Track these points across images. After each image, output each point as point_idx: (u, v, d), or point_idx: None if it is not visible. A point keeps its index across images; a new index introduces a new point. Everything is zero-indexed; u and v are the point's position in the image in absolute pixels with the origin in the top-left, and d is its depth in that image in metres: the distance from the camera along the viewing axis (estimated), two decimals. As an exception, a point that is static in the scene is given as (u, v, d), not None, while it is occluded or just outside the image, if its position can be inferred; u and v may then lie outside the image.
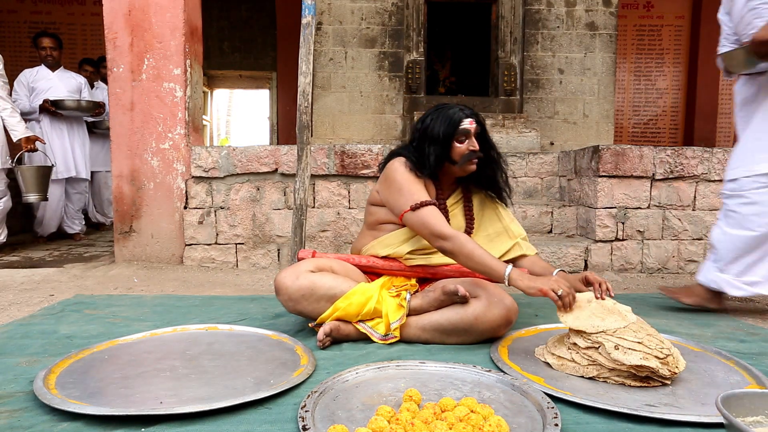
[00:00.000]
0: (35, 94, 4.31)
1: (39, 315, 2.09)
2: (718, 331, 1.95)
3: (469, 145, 1.81)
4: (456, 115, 1.80)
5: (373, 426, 1.05)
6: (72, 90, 4.48)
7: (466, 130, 1.79)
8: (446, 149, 1.81)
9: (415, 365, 1.46)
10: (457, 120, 1.79)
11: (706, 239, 3.29)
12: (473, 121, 1.81)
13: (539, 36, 5.70)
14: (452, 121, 1.79)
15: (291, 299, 1.70)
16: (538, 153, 4.03)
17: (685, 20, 7.72)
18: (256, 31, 8.28)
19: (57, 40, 4.44)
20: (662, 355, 1.34)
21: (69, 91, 4.43)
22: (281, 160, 3.41)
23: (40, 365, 1.49)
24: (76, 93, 4.51)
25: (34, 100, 4.29)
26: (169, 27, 3.34)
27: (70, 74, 4.58)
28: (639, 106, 7.86)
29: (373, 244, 1.91)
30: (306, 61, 2.46)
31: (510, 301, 1.68)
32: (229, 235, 3.41)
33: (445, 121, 1.80)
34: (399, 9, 5.64)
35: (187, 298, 2.44)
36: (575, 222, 3.59)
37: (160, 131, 3.36)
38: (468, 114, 1.81)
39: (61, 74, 4.48)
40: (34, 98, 4.31)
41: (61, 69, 4.48)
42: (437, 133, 1.79)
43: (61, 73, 4.48)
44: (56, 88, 4.37)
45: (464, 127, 1.79)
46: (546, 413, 1.14)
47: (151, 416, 1.14)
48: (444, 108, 1.84)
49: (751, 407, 1.02)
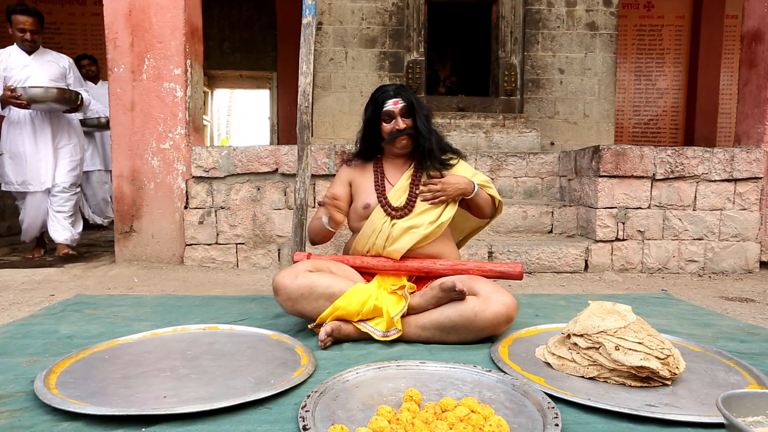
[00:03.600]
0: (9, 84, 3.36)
1: (39, 315, 2.10)
2: (718, 331, 1.95)
3: (395, 125, 1.89)
4: (380, 98, 1.91)
5: (374, 426, 1.05)
6: (55, 77, 3.52)
7: (389, 111, 1.89)
8: (377, 131, 1.94)
9: (415, 365, 1.46)
10: (380, 102, 1.90)
11: (706, 239, 3.29)
12: (398, 101, 1.88)
13: (540, 36, 5.70)
14: (376, 104, 1.92)
15: (290, 299, 1.71)
16: (538, 153, 4.03)
17: (686, 20, 7.71)
18: (257, 31, 8.28)
19: (39, 20, 3.48)
20: (663, 355, 1.34)
21: (51, 78, 3.49)
22: (282, 160, 3.41)
23: (40, 365, 1.49)
24: (60, 80, 3.56)
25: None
26: (170, 27, 3.34)
27: (52, 55, 3.58)
28: (639, 106, 7.86)
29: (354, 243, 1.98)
30: (306, 61, 2.46)
31: (509, 297, 1.68)
32: (230, 235, 3.41)
33: (371, 105, 1.93)
34: (399, 9, 5.64)
35: (187, 298, 2.44)
36: (576, 222, 3.58)
37: (161, 131, 3.37)
38: (392, 94, 1.90)
39: (40, 57, 3.50)
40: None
41: (39, 50, 3.52)
42: (367, 117, 1.95)
43: (39, 56, 3.50)
44: (36, 77, 3.44)
45: (387, 108, 1.89)
46: (546, 413, 1.14)
47: (151, 416, 1.14)
48: (375, 92, 1.95)
49: (752, 407, 1.02)
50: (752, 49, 3.58)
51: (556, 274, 3.20)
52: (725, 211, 3.29)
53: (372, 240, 1.89)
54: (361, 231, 1.94)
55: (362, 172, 2.01)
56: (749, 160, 3.27)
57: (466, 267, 1.86)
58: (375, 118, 1.93)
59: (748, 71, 3.61)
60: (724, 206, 3.29)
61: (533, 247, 3.19)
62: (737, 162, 3.26)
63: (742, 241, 3.30)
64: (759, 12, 3.53)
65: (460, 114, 5.43)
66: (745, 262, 3.31)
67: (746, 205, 3.29)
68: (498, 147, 5.03)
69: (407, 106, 1.89)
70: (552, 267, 3.20)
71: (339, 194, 1.96)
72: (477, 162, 3.93)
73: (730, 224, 3.29)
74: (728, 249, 3.30)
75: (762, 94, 3.46)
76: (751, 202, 3.29)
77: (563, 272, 3.21)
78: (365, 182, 1.98)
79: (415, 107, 1.90)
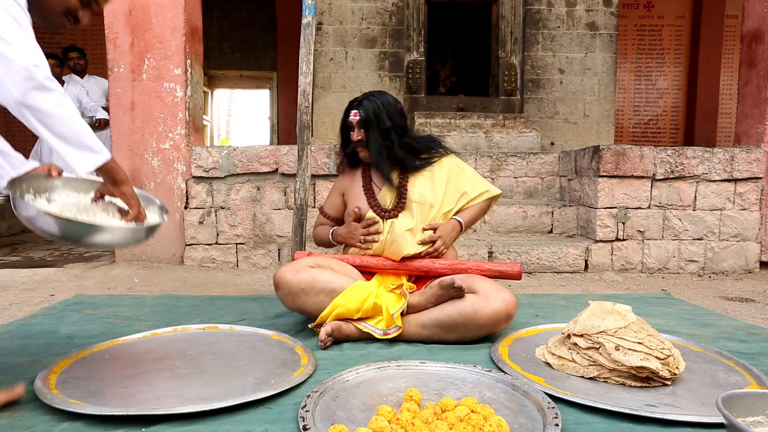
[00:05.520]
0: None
1: (40, 315, 2.09)
2: (718, 331, 1.95)
3: (354, 135, 1.94)
4: (346, 111, 1.97)
5: (374, 426, 1.05)
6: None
7: (349, 122, 1.94)
8: (347, 139, 1.99)
9: (415, 365, 1.46)
10: (345, 115, 1.97)
11: (706, 239, 3.29)
12: (357, 112, 1.92)
13: (540, 36, 5.70)
14: (344, 116, 1.98)
15: (291, 293, 1.71)
16: (538, 153, 4.03)
17: (686, 20, 7.71)
18: (257, 31, 8.28)
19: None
20: (663, 355, 1.34)
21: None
22: (282, 160, 3.41)
23: (40, 365, 1.49)
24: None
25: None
26: (170, 27, 3.34)
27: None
28: (639, 106, 7.86)
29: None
30: (306, 61, 2.46)
31: (509, 294, 1.68)
32: (230, 235, 3.41)
33: (344, 114, 1.99)
34: (399, 9, 5.64)
35: (187, 298, 2.44)
36: (576, 222, 3.58)
37: (161, 131, 3.36)
38: (355, 105, 1.94)
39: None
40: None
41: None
42: (340, 126, 2.01)
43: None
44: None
45: (348, 119, 1.94)
46: (546, 413, 1.14)
47: (151, 416, 1.14)
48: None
49: (752, 407, 1.02)
50: (752, 49, 3.58)
51: (556, 274, 3.20)
52: (725, 211, 3.29)
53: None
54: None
55: (352, 179, 2.05)
56: (749, 160, 3.27)
57: (465, 266, 1.86)
58: (344, 126, 1.99)
59: (748, 71, 3.61)
60: (724, 206, 3.29)
61: (533, 247, 3.19)
62: (737, 162, 3.26)
63: (742, 241, 3.30)
64: (759, 12, 3.53)
65: (460, 114, 5.43)
66: (745, 262, 3.31)
67: (746, 205, 3.29)
68: (498, 147, 5.03)
69: (364, 118, 1.90)
70: (552, 267, 3.20)
71: (336, 204, 2.09)
72: (477, 162, 3.93)
73: (730, 224, 3.29)
74: (728, 249, 3.30)
75: (762, 94, 3.46)
76: (751, 202, 3.29)
77: (563, 272, 3.21)
78: (354, 188, 2.01)
79: (370, 120, 1.89)
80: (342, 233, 1.96)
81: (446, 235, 1.90)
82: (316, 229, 2.14)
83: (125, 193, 1.24)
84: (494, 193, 2.00)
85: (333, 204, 2.10)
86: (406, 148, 1.93)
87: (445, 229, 1.90)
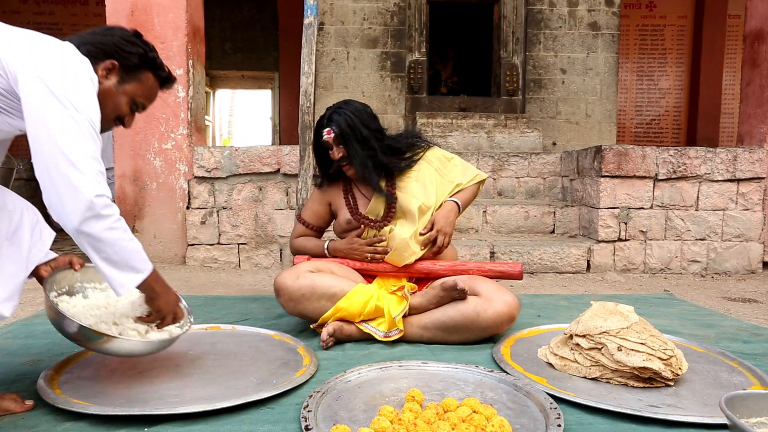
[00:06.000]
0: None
1: (42, 315, 2.10)
2: (721, 332, 1.95)
3: (334, 153, 1.85)
4: (316, 131, 1.89)
5: (376, 426, 1.05)
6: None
7: (325, 142, 1.86)
8: (326, 158, 1.92)
9: (417, 365, 1.46)
10: (316, 135, 1.90)
11: (709, 240, 3.29)
12: (330, 130, 1.83)
13: (541, 36, 5.69)
14: (314, 136, 1.91)
15: (292, 299, 1.71)
16: (540, 153, 4.03)
17: (688, 20, 7.70)
18: (259, 31, 8.28)
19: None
20: (665, 356, 1.34)
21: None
22: (283, 161, 3.41)
23: (43, 365, 1.50)
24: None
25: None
26: (172, 27, 3.34)
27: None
28: (642, 106, 7.84)
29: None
30: (308, 61, 2.46)
31: (511, 296, 1.68)
32: (232, 235, 3.42)
33: (315, 132, 1.91)
34: (401, 9, 5.64)
35: (189, 298, 2.43)
36: (578, 222, 3.58)
37: (163, 131, 3.37)
38: (325, 123, 1.85)
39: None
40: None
41: None
42: (312, 144, 1.96)
43: None
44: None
45: (323, 139, 1.85)
46: (549, 414, 1.14)
47: (154, 416, 1.14)
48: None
49: (755, 408, 1.02)
50: (755, 49, 3.57)
51: (558, 274, 3.20)
52: (728, 212, 3.28)
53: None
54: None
55: (337, 191, 1.98)
56: (752, 160, 3.26)
57: (466, 267, 1.85)
58: (318, 146, 1.92)
59: (751, 71, 3.60)
60: (726, 206, 3.28)
61: (535, 248, 3.19)
62: (740, 162, 3.26)
63: (745, 242, 3.30)
64: (762, 12, 3.52)
65: (462, 114, 5.43)
66: (748, 263, 3.30)
67: (749, 206, 3.28)
68: (500, 147, 5.03)
69: (340, 134, 1.81)
70: (554, 267, 3.20)
71: (320, 213, 2.01)
72: (479, 162, 3.93)
73: (732, 224, 3.28)
74: (731, 249, 3.29)
75: (765, 94, 3.45)
76: (753, 203, 3.28)
77: (565, 272, 3.21)
78: (339, 200, 1.96)
79: (345, 134, 1.81)
80: (343, 249, 1.90)
81: (445, 224, 1.84)
82: (296, 239, 2.04)
83: (159, 309, 1.31)
84: (484, 176, 1.99)
85: (315, 213, 2.01)
86: (389, 151, 1.88)
87: (442, 216, 1.84)
